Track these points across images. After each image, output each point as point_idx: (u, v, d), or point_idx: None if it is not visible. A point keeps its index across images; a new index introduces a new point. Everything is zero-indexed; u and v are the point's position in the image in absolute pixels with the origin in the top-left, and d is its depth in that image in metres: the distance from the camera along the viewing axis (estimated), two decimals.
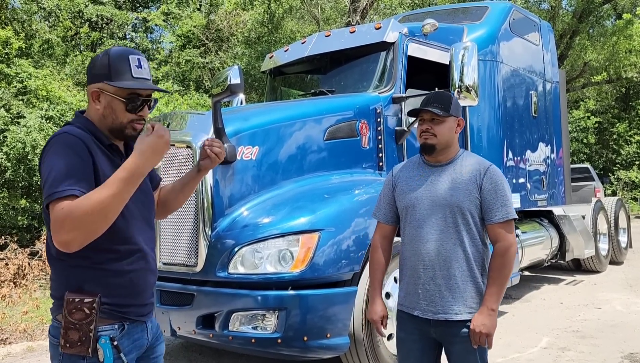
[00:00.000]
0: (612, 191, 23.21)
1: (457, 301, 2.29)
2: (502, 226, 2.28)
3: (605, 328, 5.21)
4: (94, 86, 1.79)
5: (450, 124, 2.37)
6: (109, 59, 1.78)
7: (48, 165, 1.63)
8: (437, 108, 2.34)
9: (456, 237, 2.31)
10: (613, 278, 7.75)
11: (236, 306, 3.46)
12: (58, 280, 1.75)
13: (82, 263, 1.70)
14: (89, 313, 1.67)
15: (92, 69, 1.81)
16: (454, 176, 2.34)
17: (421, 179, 2.40)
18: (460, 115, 2.44)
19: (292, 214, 3.62)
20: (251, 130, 3.90)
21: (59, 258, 1.71)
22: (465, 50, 4.48)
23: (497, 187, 2.29)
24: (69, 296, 1.67)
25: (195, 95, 14.53)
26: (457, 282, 2.30)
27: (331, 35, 5.31)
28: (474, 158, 2.40)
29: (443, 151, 2.38)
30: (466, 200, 2.30)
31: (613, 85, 24.63)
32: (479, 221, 2.33)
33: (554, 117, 7.01)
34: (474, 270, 2.31)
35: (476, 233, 2.33)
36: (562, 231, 7.02)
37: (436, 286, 2.32)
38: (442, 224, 2.32)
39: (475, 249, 2.32)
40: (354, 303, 3.64)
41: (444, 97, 2.40)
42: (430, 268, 2.33)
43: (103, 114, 1.78)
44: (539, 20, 7.00)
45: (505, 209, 2.28)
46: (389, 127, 4.74)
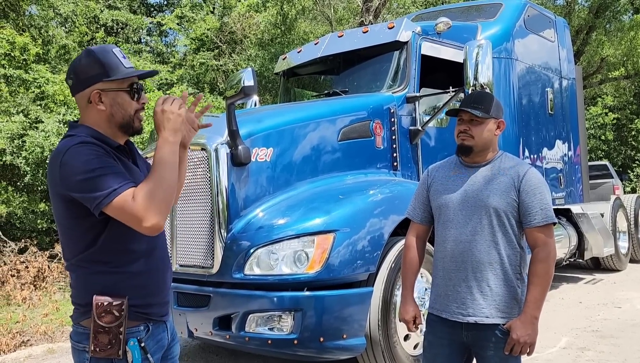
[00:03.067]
0: (631, 188, 22.82)
1: (489, 305, 2.23)
2: (541, 230, 2.21)
3: (625, 327, 5.13)
4: (90, 89, 1.75)
5: (490, 126, 2.30)
6: (96, 57, 1.75)
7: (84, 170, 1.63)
8: (477, 109, 2.28)
9: (491, 239, 2.25)
10: (634, 277, 7.62)
11: (252, 308, 3.47)
12: (81, 287, 1.75)
13: (103, 268, 1.72)
14: (118, 315, 1.69)
15: (80, 74, 1.76)
16: (491, 177, 2.29)
17: (457, 179, 2.36)
18: (502, 116, 2.35)
19: (307, 216, 3.63)
20: (265, 132, 3.92)
21: (80, 265, 1.73)
22: (480, 48, 4.44)
23: (536, 190, 2.22)
24: (98, 300, 1.68)
25: (209, 97, 14.62)
26: (490, 285, 2.24)
27: (344, 35, 5.31)
28: (513, 160, 2.34)
29: (481, 152, 2.33)
30: (503, 202, 2.23)
31: (631, 80, 24.21)
32: (515, 224, 2.26)
33: (570, 114, 6.93)
34: (509, 273, 2.24)
35: (512, 236, 2.26)
36: (581, 230, 6.92)
37: (468, 288, 2.27)
38: (477, 225, 2.27)
39: (512, 252, 2.26)
40: (370, 303, 3.64)
41: (486, 98, 2.34)
42: (462, 270, 2.28)
43: (111, 112, 1.77)
44: (554, 17, 6.92)
45: (545, 213, 2.21)
46: (403, 127, 4.72)
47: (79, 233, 1.72)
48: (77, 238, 1.72)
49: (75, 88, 1.78)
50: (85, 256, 1.72)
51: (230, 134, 3.61)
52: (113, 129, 1.80)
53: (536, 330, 2.18)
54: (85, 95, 1.76)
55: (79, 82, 1.77)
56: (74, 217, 1.70)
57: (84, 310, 1.72)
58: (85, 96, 1.76)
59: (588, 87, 23.19)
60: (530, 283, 2.20)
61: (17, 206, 9.82)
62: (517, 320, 2.17)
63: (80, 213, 1.68)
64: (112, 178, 1.64)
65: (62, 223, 1.73)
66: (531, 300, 2.17)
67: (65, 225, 1.73)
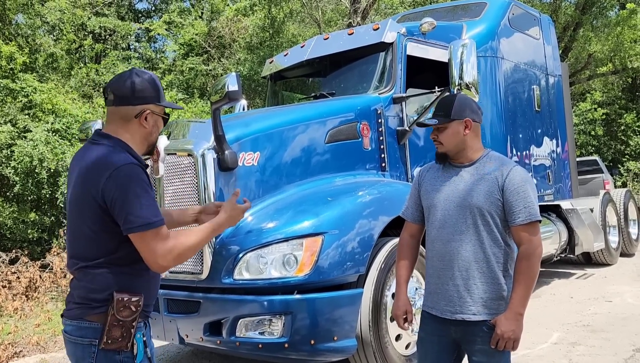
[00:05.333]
0: (622, 182, 22.97)
1: (475, 302, 2.28)
2: (525, 228, 2.24)
3: (616, 321, 5.16)
4: (142, 106, 1.95)
5: (454, 129, 2.33)
6: (153, 81, 1.99)
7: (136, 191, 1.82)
8: (437, 117, 2.35)
9: (476, 238, 2.29)
10: (624, 271, 7.68)
11: (242, 312, 3.47)
12: (98, 285, 1.88)
13: (121, 270, 1.89)
14: (134, 310, 1.87)
15: (137, 91, 1.94)
16: (476, 177, 2.33)
17: (444, 179, 2.41)
18: (468, 115, 2.34)
19: (296, 219, 3.63)
20: (252, 136, 3.92)
21: (99, 266, 1.88)
22: (464, 47, 4.45)
23: (520, 189, 2.23)
24: (119, 296, 1.85)
25: (199, 103, 14.60)
26: (477, 283, 2.28)
27: (330, 38, 5.33)
28: (497, 159, 2.35)
29: (458, 154, 2.37)
30: (486, 201, 2.27)
31: (619, 76, 24.40)
32: (500, 223, 2.29)
33: (557, 111, 6.98)
34: (495, 271, 2.28)
35: (498, 234, 2.29)
36: (571, 225, 6.95)
37: (455, 287, 2.32)
38: (462, 225, 2.31)
39: (498, 250, 2.29)
40: (360, 305, 3.64)
41: (445, 103, 2.38)
42: (449, 268, 2.33)
43: (150, 132, 2.01)
44: (539, 14, 6.97)
45: (528, 210, 2.22)
46: (390, 127, 4.74)
47: (105, 239, 1.87)
48: (101, 243, 1.88)
49: (125, 101, 1.94)
50: (106, 259, 1.88)
51: (217, 139, 3.61)
52: (142, 147, 2.02)
53: (520, 326, 2.20)
54: (135, 110, 1.95)
55: (132, 97, 1.94)
56: (103, 224, 1.85)
57: (96, 306, 1.87)
58: (134, 111, 1.95)
59: (576, 83, 23.34)
60: (515, 280, 2.23)
61: (7, 216, 9.75)
62: (502, 316, 2.21)
63: (111, 222, 1.85)
64: (152, 209, 1.84)
65: (87, 228, 1.87)
66: (516, 297, 2.20)
67: (91, 230, 1.87)
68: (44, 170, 9.56)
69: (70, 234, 1.96)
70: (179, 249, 1.87)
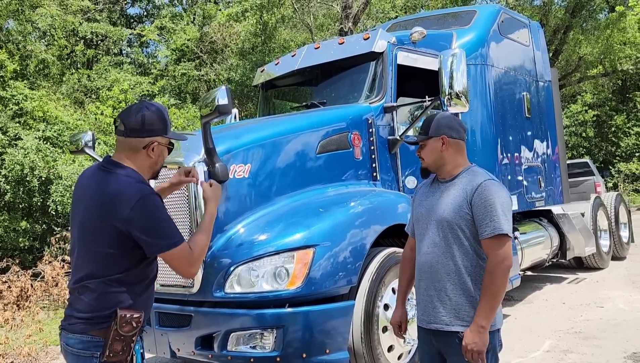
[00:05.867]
0: (613, 183, 23.15)
1: (448, 313, 2.36)
2: (491, 241, 2.29)
3: (607, 328, 5.19)
4: (151, 139, 2.16)
5: (432, 145, 2.48)
6: (162, 115, 2.20)
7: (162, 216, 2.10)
8: (419, 135, 2.54)
9: (447, 251, 2.39)
10: (615, 275, 7.73)
11: (234, 326, 3.46)
12: (102, 302, 2.05)
13: (126, 289, 2.08)
14: (135, 326, 2.06)
15: (147, 124, 2.14)
16: (451, 192, 2.43)
17: (429, 195, 2.54)
18: (444, 132, 2.45)
19: (287, 231, 3.63)
20: (242, 148, 3.91)
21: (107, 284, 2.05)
22: (454, 57, 4.48)
23: (487, 203, 2.30)
24: (122, 312, 2.03)
25: (192, 108, 14.58)
26: (449, 294, 2.37)
27: (320, 47, 5.33)
28: (472, 174, 2.43)
29: (439, 170, 2.51)
30: (455, 215, 2.36)
31: (609, 78, 24.60)
32: (471, 236, 2.35)
33: (547, 116, 7.02)
34: (467, 283, 2.35)
35: (469, 247, 2.36)
36: (562, 230, 7.00)
37: (429, 297, 2.43)
38: (435, 238, 2.42)
39: (469, 263, 2.36)
40: (352, 317, 3.64)
41: (426, 122, 2.54)
42: (425, 279, 2.46)
43: (156, 161, 2.22)
44: (528, 21, 7.01)
45: (494, 224, 2.27)
46: (381, 136, 4.74)
47: (119, 261, 2.07)
48: (114, 264, 2.06)
49: (135, 133, 2.14)
50: (115, 278, 2.06)
51: (207, 152, 3.59)
52: (147, 174, 2.22)
53: (483, 338, 2.25)
54: (144, 142, 2.16)
55: (142, 130, 2.14)
56: (121, 248, 2.06)
57: (99, 321, 2.03)
58: (143, 142, 2.16)
59: (567, 86, 23.49)
60: (481, 293, 2.30)
61: None
62: (468, 329, 2.28)
63: (129, 247, 2.06)
64: (174, 231, 2.12)
65: (103, 250, 2.05)
66: (479, 310, 2.27)
67: (108, 252, 2.05)
68: (35, 178, 9.51)
69: (79, 254, 2.12)
70: (198, 252, 2.20)
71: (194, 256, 2.17)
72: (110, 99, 12.65)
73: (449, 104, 4.46)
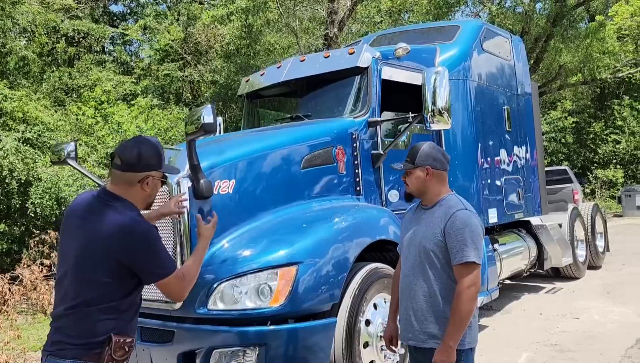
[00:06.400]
0: (590, 189, 23.61)
1: (423, 330, 2.59)
2: (460, 268, 2.48)
3: (582, 340, 5.32)
4: (146, 173, 2.27)
5: (417, 174, 2.66)
6: (157, 150, 2.32)
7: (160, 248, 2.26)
8: (406, 163, 2.69)
9: (424, 274, 2.60)
10: (591, 285, 7.91)
11: (216, 343, 3.47)
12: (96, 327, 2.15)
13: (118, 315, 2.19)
14: (127, 350, 2.20)
15: (142, 159, 2.26)
16: (430, 219, 2.63)
17: (413, 220, 2.76)
18: (430, 163, 2.63)
19: (271, 248, 3.66)
20: (227, 163, 3.92)
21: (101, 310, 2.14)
22: (437, 74, 4.55)
23: (457, 231, 2.49)
24: (116, 338, 2.15)
25: (175, 109, 14.48)
26: (425, 314, 2.59)
27: (306, 60, 5.36)
28: (450, 203, 2.61)
29: (422, 196, 2.72)
30: (431, 242, 2.56)
31: (588, 86, 25.11)
32: (445, 262, 2.55)
33: (527, 130, 7.15)
34: (440, 304, 2.56)
35: (443, 272, 2.56)
36: (540, 241, 7.15)
37: (408, 316, 2.67)
38: (415, 261, 2.64)
39: (443, 286, 2.56)
40: (334, 333, 3.68)
41: (413, 151, 2.70)
42: (405, 299, 2.70)
43: (150, 194, 2.34)
44: (510, 36, 7.14)
45: (462, 252, 2.47)
46: (365, 151, 4.79)
47: (115, 290, 2.17)
48: (111, 292, 2.17)
49: (132, 168, 2.26)
50: (110, 306, 2.16)
51: (192, 168, 3.60)
52: (142, 206, 2.33)
53: (451, 357, 2.43)
54: (139, 176, 2.27)
55: (138, 165, 2.26)
56: (119, 279, 2.17)
57: (93, 347, 2.13)
58: (138, 176, 2.27)
59: (548, 93, 23.87)
60: (450, 315, 2.48)
61: None
62: (438, 347, 2.47)
63: (126, 276, 2.18)
64: (169, 260, 2.29)
65: (101, 279, 2.15)
66: (448, 330, 2.45)
67: (105, 281, 2.15)
68: (14, 180, 9.37)
69: (74, 281, 2.19)
70: (188, 279, 2.39)
71: (185, 284, 2.35)
72: (93, 100, 12.50)
73: (432, 121, 4.54)
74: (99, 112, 12.20)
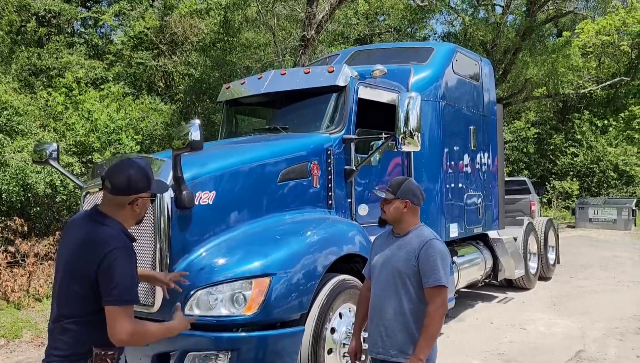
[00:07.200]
0: (547, 199, 24.59)
1: (392, 346, 2.87)
2: (432, 290, 2.80)
3: (527, 350, 5.75)
4: (136, 196, 2.38)
5: (396, 205, 2.95)
6: (146, 173, 2.41)
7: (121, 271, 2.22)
8: (387, 192, 2.96)
9: (396, 295, 2.88)
10: (540, 296, 8.43)
11: (191, 346, 3.69)
12: (80, 340, 2.26)
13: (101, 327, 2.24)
14: (110, 362, 2.29)
15: (132, 183, 2.35)
16: (403, 246, 2.92)
17: (385, 246, 3.03)
18: (410, 198, 2.92)
19: (246, 259, 3.88)
20: (208, 175, 4.12)
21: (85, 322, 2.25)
22: (411, 99, 4.86)
23: (430, 258, 2.81)
24: (97, 350, 2.25)
25: (147, 99, 14.39)
26: (394, 331, 2.87)
27: (287, 74, 5.58)
28: (421, 233, 2.92)
29: (396, 225, 3.00)
30: (405, 266, 2.86)
31: (552, 99, 26.07)
32: (416, 284, 2.85)
33: (490, 149, 7.55)
34: (409, 322, 2.85)
35: (413, 294, 2.85)
36: (496, 254, 7.59)
37: (378, 332, 2.93)
38: (387, 283, 2.93)
39: (413, 306, 2.85)
40: (302, 341, 3.95)
41: (396, 183, 2.98)
42: (376, 317, 2.96)
43: (140, 213, 2.45)
44: (480, 59, 7.51)
45: (434, 276, 2.78)
46: (338, 166, 5.05)
47: (94, 303, 2.23)
48: (89, 305, 2.24)
49: (122, 192, 2.35)
50: (89, 319, 2.26)
51: (175, 180, 3.79)
52: (131, 224, 2.45)
53: None
54: (130, 199, 2.38)
55: (129, 188, 2.35)
56: (94, 290, 2.22)
57: (76, 359, 2.25)
58: (129, 199, 2.37)
59: (513, 104, 24.68)
60: (421, 331, 2.78)
61: None
62: (409, 360, 2.75)
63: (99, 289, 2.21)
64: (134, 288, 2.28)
65: (78, 290, 2.24)
66: (419, 345, 2.75)
67: (83, 294, 2.24)
68: None
69: (59, 294, 2.32)
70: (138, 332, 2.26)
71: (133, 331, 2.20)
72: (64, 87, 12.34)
73: (403, 142, 4.84)
74: (70, 98, 12.05)
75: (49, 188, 9.43)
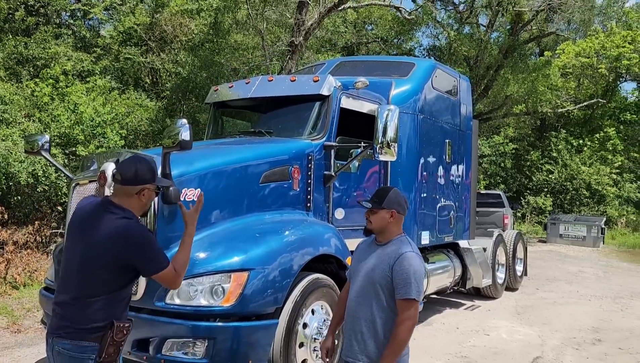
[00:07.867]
0: (521, 213, 25.23)
1: (362, 352, 2.95)
2: (403, 302, 2.82)
3: (488, 355, 6.08)
4: (141, 186, 2.71)
5: (382, 215, 2.98)
6: (152, 166, 2.78)
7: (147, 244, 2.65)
8: (373, 202, 3.02)
9: (368, 302, 2.94)
10: (506, 305, 8.79)
11: (170, 333, 3.91)
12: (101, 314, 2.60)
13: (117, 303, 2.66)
14: (126, 333, 2.69)
15: (139, 175, 2.70)
16: (382, 255, 2.95)
17: (366, 253, 3.07)
18: (395, 207, 2.98)
19: (227, 254, 4.13)
20: (194, 173, 4.35)
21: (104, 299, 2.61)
22: (390, 111, 5.16)
23: (403, 270, 2.84)
24: (118, 323, 2.63)
25: (133, 94, 14.50)
26: (364, 337, 2.94)
27: (274, 80, 5.84)
28: (400, 243, 2.97)
29: (379, 234, 3.04)
30: (379, 276, 2.91)
31: (531, 116, 26.77)
32: (388, 294, 2.89)
33: (465, 163, 7.90)
34: (378, 331, 2.90)
35: (385, 303, 2.90)
36: (465, 262, 7.93)
37: (349, 336, 3.00)
38: (362, 289, 2.98)
39: (384, 314, 2.90)
40: (275, 333, 4.20)
41: (382, 193, 3.05)
42: (349, 321, 3.03)
43: (146, 203, 2.79)
44: (459, 76, 7.87)
45: (405, 289, 2.80)
46: (318, 171, 5.32)
47: (113, 284, 2.62)
48: (109, 286, 2.62)
49: (130, 182, 2.70)
50: (111, 295, 2.63)
51: (164, 176, 4.01)
52: (138, 213, 2.79)
53: None
54: (137, 189, 2.71)
55: (136, 179, 2.70)
56: (116, 274, 2.61)
57: (96, 330, 2.59)
58: (136, 189, 2.71)
59: (493, 119, 25.30)
60: (390, 340, 2.86)
61: None
62: None
63: (123, 273, 2.64)
64: (163, 256, 2.72)
65: (105, 276, 2.59)
66: (386, 353, 2.83)
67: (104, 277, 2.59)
68: None
69: (79, 276, 2.64)
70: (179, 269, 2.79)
71: (177, 273, 2.77)
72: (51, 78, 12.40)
73: (380, 152, 5.14)
74: (56, 90, 12.12)
75: (31, 177, 9.51)
